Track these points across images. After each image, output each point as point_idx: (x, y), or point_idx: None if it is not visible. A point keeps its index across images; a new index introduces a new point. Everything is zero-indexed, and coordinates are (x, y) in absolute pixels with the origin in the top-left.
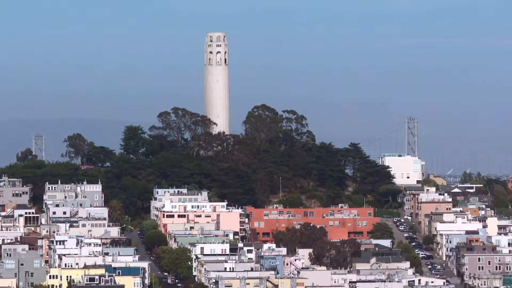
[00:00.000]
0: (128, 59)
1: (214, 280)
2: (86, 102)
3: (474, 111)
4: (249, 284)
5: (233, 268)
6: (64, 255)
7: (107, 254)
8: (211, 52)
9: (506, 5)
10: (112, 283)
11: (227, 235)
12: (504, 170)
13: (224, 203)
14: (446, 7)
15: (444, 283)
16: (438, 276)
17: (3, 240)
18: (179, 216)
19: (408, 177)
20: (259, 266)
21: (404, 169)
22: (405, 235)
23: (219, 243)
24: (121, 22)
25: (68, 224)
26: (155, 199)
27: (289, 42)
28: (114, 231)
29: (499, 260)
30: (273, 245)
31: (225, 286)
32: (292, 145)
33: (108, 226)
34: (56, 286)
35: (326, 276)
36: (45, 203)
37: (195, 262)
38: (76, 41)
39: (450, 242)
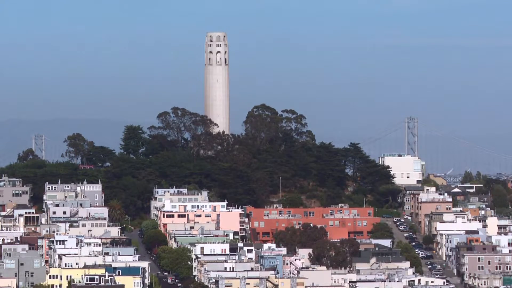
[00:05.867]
0: (128, 59)
1: (214, 280)
2: (86, 102)
3: (474, 111)
4: (249, 284)
5: (233, 268)
6: (64, 255)
7: (107, 254)
8: (211, 52)
9: (506, 5)
10: (112, 283)
11: (227, 235)
12: (504, 170)
13: (224, 203)
14: (446, 7)
15: (444, 283)
16: (438, 276)
17: (3, 240)
18: (179, 216)
19: (408, 177)
20: (259, 266)
21: (404, 169)
22: (405, 235)
23: (219, 243)
24: (121, 22)
25: (68, 224)
26: (155, 199)
27: (289, 42)
28: (114, 231)
29: (499, 260)
30: (273, 245)
31: (225, 286)
32: (292, 145)
33: (108, 226)
34: (56, 286)
35: (326, 276)
36: (45, 203)
37: (195, 262)
38: (76, 41)
39: (450, 242)
